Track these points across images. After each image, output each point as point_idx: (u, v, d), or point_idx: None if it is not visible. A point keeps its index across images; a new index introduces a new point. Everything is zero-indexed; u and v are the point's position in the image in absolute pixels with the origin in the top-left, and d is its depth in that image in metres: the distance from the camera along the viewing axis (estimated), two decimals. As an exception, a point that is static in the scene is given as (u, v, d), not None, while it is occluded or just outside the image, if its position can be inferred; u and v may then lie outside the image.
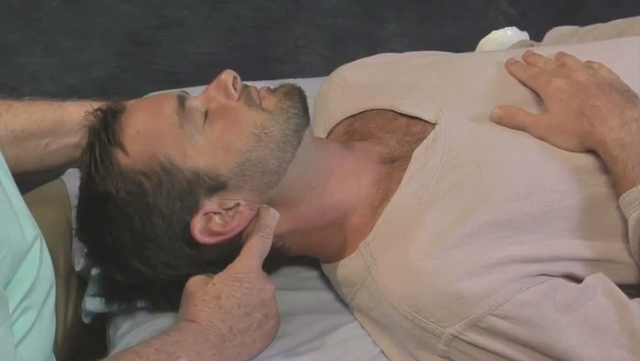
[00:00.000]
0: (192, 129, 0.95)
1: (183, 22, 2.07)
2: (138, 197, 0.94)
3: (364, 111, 1.11)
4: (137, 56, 2.02)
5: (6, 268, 0.76)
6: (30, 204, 0.86)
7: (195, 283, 0.95)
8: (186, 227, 0.95)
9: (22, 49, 1.97)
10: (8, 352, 0.76)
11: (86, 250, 1.04)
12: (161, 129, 0.95)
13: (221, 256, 0.97)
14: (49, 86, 1.91)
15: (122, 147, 0.95)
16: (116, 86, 1.94)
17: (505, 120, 1.01)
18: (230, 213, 0.96)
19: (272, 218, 0.97)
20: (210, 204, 0.95)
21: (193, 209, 0.95)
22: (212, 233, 0.96)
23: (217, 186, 0.95)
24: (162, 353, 0.88)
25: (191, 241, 0.95)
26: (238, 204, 0.96)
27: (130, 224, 0.94)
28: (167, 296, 1.01)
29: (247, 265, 0.95)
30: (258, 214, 0.97)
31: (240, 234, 0.97)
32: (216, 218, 0.96)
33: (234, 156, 0.95)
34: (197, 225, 0.95)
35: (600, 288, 0.89)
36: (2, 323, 0.75)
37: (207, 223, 0.96)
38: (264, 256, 0.97)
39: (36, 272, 0.82)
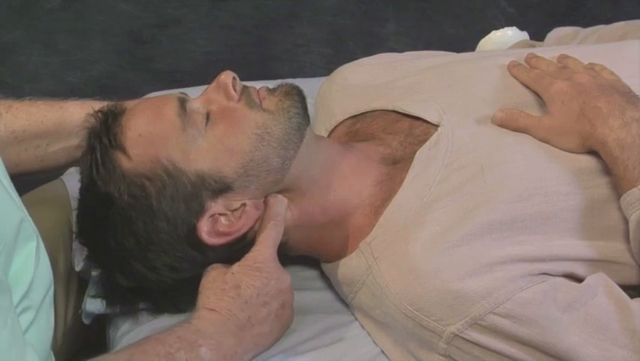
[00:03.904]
0: (195, 132, 0.95)
1: (183, 21, 2.07)
2: (141, 201, 0.94)
3: (366, 112, 1.11)
4: (137, 55, 2.02)
5: (2, 262, 0.76)
6: (30, 204, 0.85)
7: (214, 273, 0.96)
8: (191, 230, 0.95)
9: (22, 47, 1.97)
10: (18, 339, 0.76)
11: (86, 251, 1.04)
12: (163, 133, 0.95)
13: (225, 256, 0.97)
14: (49, 85, 1.91)
15: (124, 151, 0.94)
16: (115, 84, 1.94)
17: (507, 123, 1.01)
18: (237, 213, 0.96)
19: (281, 205, 0.98)
20: (216, 207, 0.96)
21: (199, 212, 0.95)
22: (219, 234, 0.96)
23: (222, 188, 0.95)
24: (184, 341, 0.88)
25: (197, 243, 0.95)
26: (244, 205, 0.96)
27: (133, 228, 0.94)
28: (168, 298, 1.01)
29: (265, 254, 0.95)
30: (266, 204, 0.98)
31: (247, 232, 0.97)
32: (222, 219, 0.96)
33: (238, 157, 0.95)
34: (204, 227, 0.95)
35: (601, 288, 0.90)
36: (8, 311, 0.75)
37: (214, 225, 0.96)
38: (278, 243, 0.97)
39: (33, 273, 0.82)
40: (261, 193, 0.98)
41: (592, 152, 0.97)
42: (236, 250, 0.97)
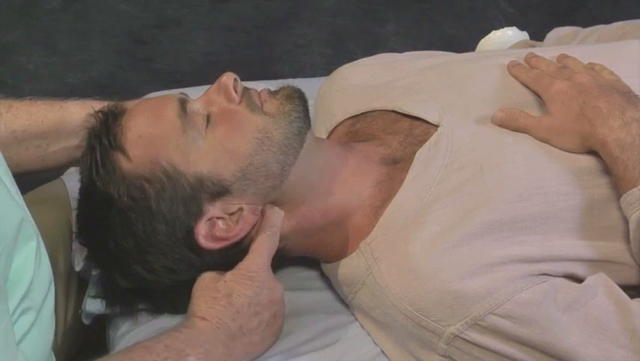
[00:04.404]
0: (195, 134, 0.95)
1: (183, 22, 2.07)
2: (141, 202, 0.93)
3: (366, 112, 1.11)
4: (137, 56, 2.02)
5: (3, 263, 0.76)
6: (30, 204, 0.85)
7: (207, 280, 0.95)
8: (189, 232, 0.95)
9: (22, 48, 1.98)
10: (10, 345, 0.76)
11: (86, 251, 1.04)
12: (163, 134, 0.94)
13: (223, 260, 0.97)
14: (49, 85, 1.91)
15: (124, 152, 0.94)
16: (115, 85, 1.95)
17: (507, 123, 1.01)
18: (234, 218, 0.96)
19: (277, 216, 0.97)
20: (214, 210, 0.95)
21: (197, 214, 0.94)
22: (216, 238, 0.95)
23: (220, 191, 0.95)
24: (172, 350, 0.88)
25: (194, 246, 0.95)
26: (241, 209, 0.96)
27: (132, 229, 0.94)
28: (167, 299, 1.01)
29: (258, 263, 0.95)
30: (262, 213, 0.97)
31: (243, 238, 0.97)
32: (220, 223, 0.96)
33: (237, 161, 0.95)
34: (202, 230, 0.95)
35: (601, 288, 0.90)
36: (3, 317, 0.75)
37: (211, 229, 0.95)
38: (272, 254, 0.97)
39: (32, 273, 0.82)
40: (259, 198, 0.97)
41: (592, 152, 0.97)
42: (232, 255, 0.97)
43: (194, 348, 0.89)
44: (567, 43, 1.34)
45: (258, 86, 1.02)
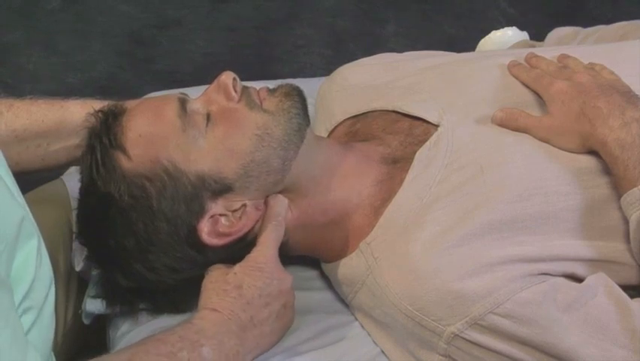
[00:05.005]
0: (195, 133, 0.95)
1: (183, 22, 2.08)
2: (142, 201, 0.93)
3: (366, 112, 1.11)
4: (137, 56, 2.02)
5: (4, 261, 0.76)
6: (30, 204, 0.85)
7: (216, 273, 0.96)
8: (192, 230, 0.95)
9: (23, 48, 1.98)
10: (19, 338, 0.77)
11: (86, 251, 1.04)
12: (163, 133, 0.94)
13: (225, 257, 0.97)
14: (49, 86, 1.92)
15: (124, 151, 0.94)
16: (115, 85, 1.95)
17: (507, 123, 1.01)
18: (237, 214, 0.96)
19: (281, 205, 0.98)
20: (216, 207, 0.96)
21: (199, 213, 0.95)
22: (219, 235, 0.96)
23: (223, 189, 0.95)
24: (186, 341, 0.88)
25: (197, 244, 0.95)
26: (244, 205, 0.96)
27: (133, 228, 0.94)
28: (168, 299, 1.01)
29: (266, 254, 0.95)
30: (266, 204, 0.98)
31: (247, 233, 0.97)
32: (223, 220, 0.96)
33: (238, 158, 0.95)
34: (205, 228, 0.95)
35: (601, 288, 0.90)
36: (10, 311, 0.75)
37: (214, 226, 0.96)
38: (279, 244, 0.97)
39: (34, 273, 0.82)
40: (261, 194, 0.98)
41: (592, 152, 0.97)
42: (236, 250, 0.97)
43: (208, 339, 0.89)
44: (567, 43, 1.35)
45: (258, 86, 1.02)
